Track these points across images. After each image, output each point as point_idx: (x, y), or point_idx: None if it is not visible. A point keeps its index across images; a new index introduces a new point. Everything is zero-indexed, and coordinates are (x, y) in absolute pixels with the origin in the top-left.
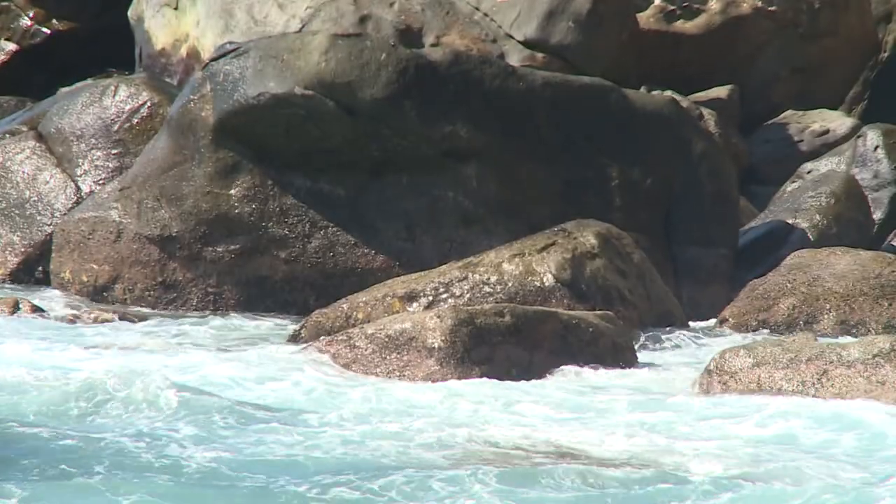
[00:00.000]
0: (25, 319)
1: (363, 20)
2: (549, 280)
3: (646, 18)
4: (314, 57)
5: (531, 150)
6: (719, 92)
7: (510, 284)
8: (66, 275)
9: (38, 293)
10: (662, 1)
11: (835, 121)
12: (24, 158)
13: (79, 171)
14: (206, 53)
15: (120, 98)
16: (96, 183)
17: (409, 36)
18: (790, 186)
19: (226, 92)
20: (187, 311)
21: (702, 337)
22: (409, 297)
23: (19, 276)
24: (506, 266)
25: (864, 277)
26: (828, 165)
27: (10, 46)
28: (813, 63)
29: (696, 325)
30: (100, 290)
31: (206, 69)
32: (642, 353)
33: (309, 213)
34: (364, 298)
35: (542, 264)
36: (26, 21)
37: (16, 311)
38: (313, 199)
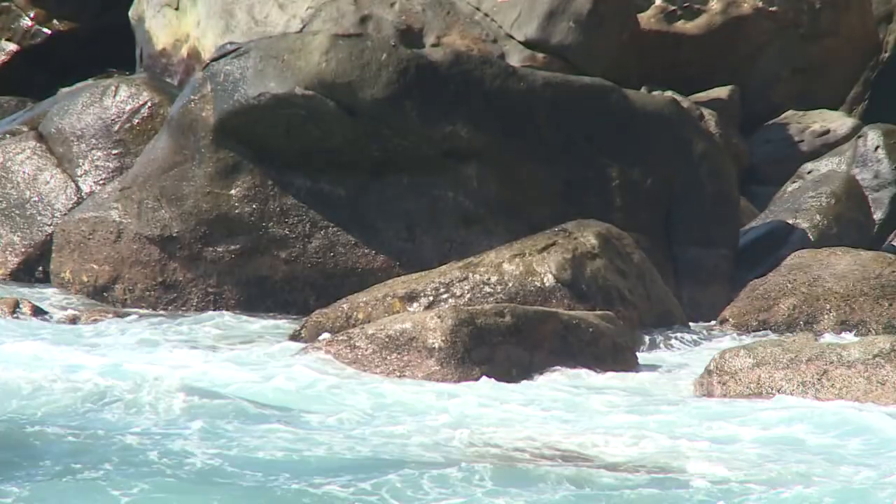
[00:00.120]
0: (25, 321)
1: (364, 20)
2: (549, 280)
3: (646, 19)
4: (315, 57)
5: (532, 151)
6: (720, 92)
7: (510, 284)
8: (67, 275)
9: (39, 293)
10: (663, 1)
11: (835, 121)
12: (24, 158)
13: (79, 172)
14: (207, 54)
15: (120, 98)
16: (97, 183)
17: (410, 36)
18: (791, 187)
19: (226, 92)
20: (187, 311)
21: (702, 337)
22: (409, 298)
23: (19, 276)
24: (506, 266)
25: (864, 278)
26: (828, 166)
27: (11, 47)
28: (814, 63)
29: (696, 325)
30: (100, 291)
31: (206, 69)
32: (642, 353)
33: (309, 213)
34: (364, 298)
35: (542, 264)
36: (27, 21)
37: (16, 311)
38: (314, 200)
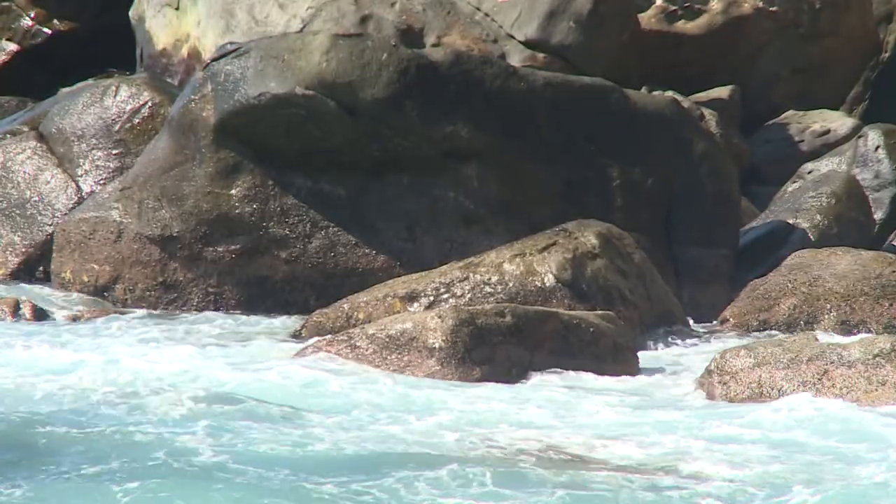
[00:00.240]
0: (26, 320)
1: (364, 20)
2: (549, 280)
3: (647, 19)
4: (315, 57)
5: (532, 151)
6: (720, 92)
7: (511, 284)
8: (67, 275)
9: (40, 293)
10: (664, 1)
11: (836, 121)
12: (25, 158)
13: (80, 171)
14: (207, 53)
15: (121, 98)
16: (97, 183)
17: (411, 36)
18: (791, 186)
19: (227, 92)
20: (188, 311)
21: (702, 337)
22: (409, 298)
23: (20, 276)
24: (507, 266)
25: (864, 277)
26: (829, 165)
27: (11, 47)
28: (814, 63)
29: (696, 325)
30: (100, 290)
31: (206, 69)
32: (643, 353)
33: (310, 213)
34: (365, 298)
35: (542, 264)
36: (27, 21)
37: (17, 311)
38: (314, 199)
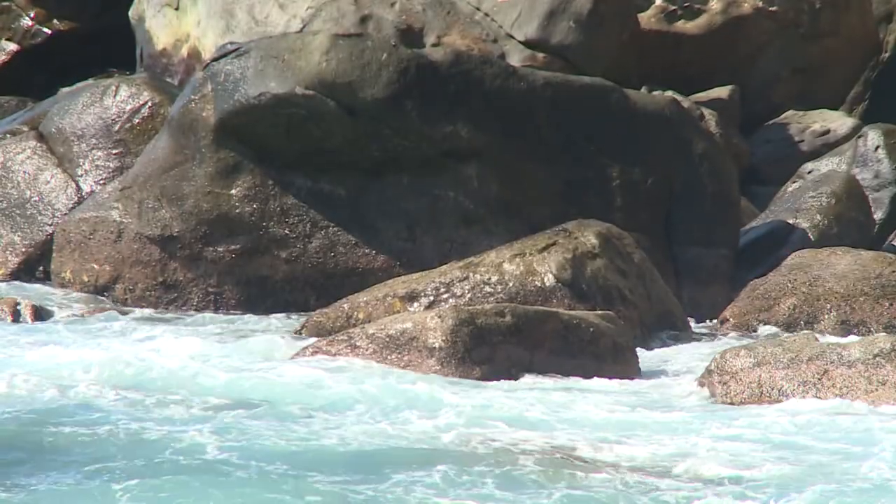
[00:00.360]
0: (26, 320)
1: (364, 20)
2: (549, 280)
3: (647, 18)
4: (315, 57)
5: (532, 151)
6: (720, 92)
7: (511, 284)
8: (67, 275)
9: (39, 293)
10: (663, 1)
11: (835, 121)
12: (25, 158)
13: (80, 171)
14: (207, 53)
15: (121, 98)
16: (97, 183)
17: (410, 36)
18: (791, 186)
19: (227, 92)
20: (188, 311)
21: (702, 337)
22: (409, 297)
23: (20, 276)
24: (506, 266)
25: (864, 277)
26: (828, 165)
27: (11, 46)
28: (814, 63)
29: (696, 325)
30: (100, 290)
31: (207, 69)
32: (642, 353)
33: (310, 212)
34: (365, 298)
35: (542, 264)
36: (27, 21)
37: (16, 311)
38: (314, 199)
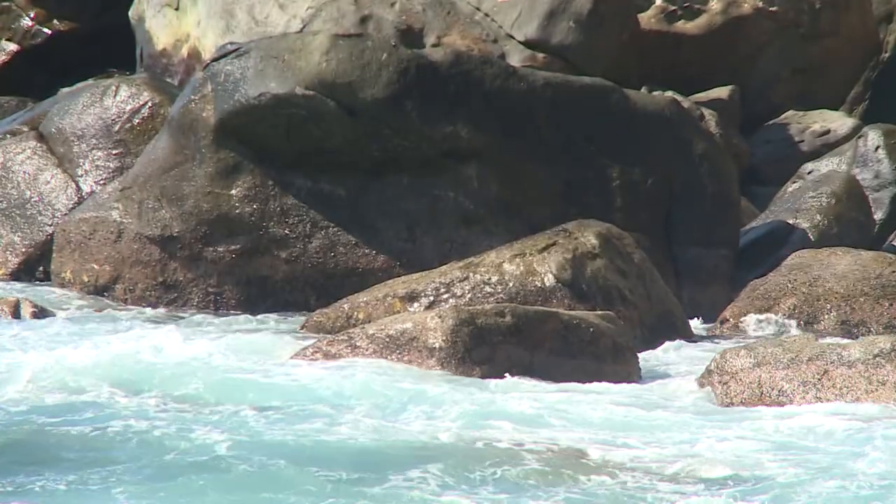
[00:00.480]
0: (26, 320)
1: (364, 20)
2: (549, 280)
3: (647, 19)
4: (315, 57)
5: (532, 151)
6: (720, 92)
7: (511, 284)
8: (67, 275)
9: (39, 293)
10: (663, 1)
11: (836, 121)
12: (25, 158)
13: (80, 172)
14: (207, 54)
15: (121, 98)
16: (97, 183)
17: (410, 36)
18: (791, 187)
19: (227, 92)
20: (188, 311)
21: (702, 337)
22: (409, 298)
23: (20, 276)
24: (507, 266)
25: (864, 278)
26: (829, 166)
27: (11, 47)
28: (814, 63)
29: (696, 325)
30: (100, 290)
31: (207, 69)
32: (642, 353)
33: (310, 213)
34: (365, 298)
35: (542, 264)
36: (27, 21)
37: (17, 311)
38: (314, 200)
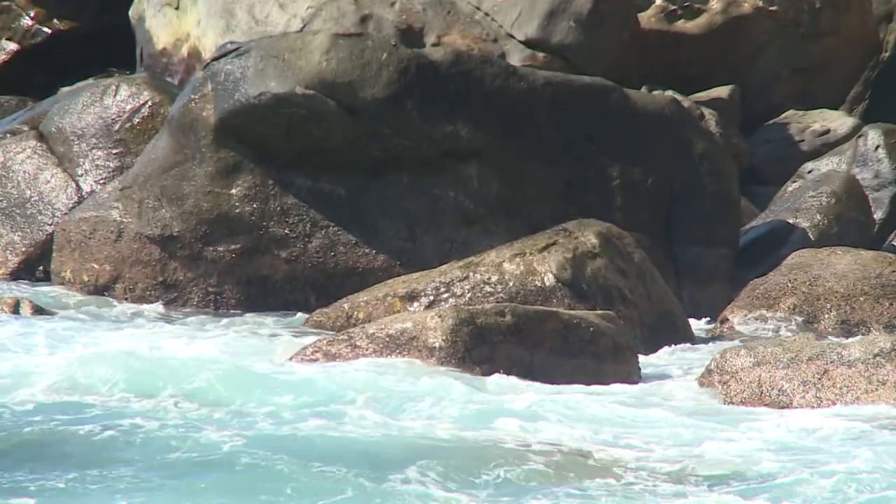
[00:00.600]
0: (27, 318)
1: (364, 20)
2: (549, 280)
3: (647, 18)
4: (315, 56)
5: (532, 150)
6: (720, 92)
7: (511, 284)
8: (67, 274)
9: (40, 292)
10: (663, 1)
11: (836, 120)
12: (25, 158)
13: (80, 171)
14: (207, 53)
15: (121, 98)
16: (97, 182)
17: (411, 36)
18: (791, 186)
19: (227, 91)
20: (188, 310)
21: (702, 336)
22: (409, 297)
23: (20, 276)
24: (507, 266)
25: (864, 277)
26: (829, 165)
27: (11, 46)
28: (814, 63)
29: (696, 324)
30: (100, 290)
31: (207, 69)
32: (642, 352)
33: (310, 212)
34: (365, 298)
35: (542, 264)
36: (27, 21)
37: (17, 310)
38: (314, 199)
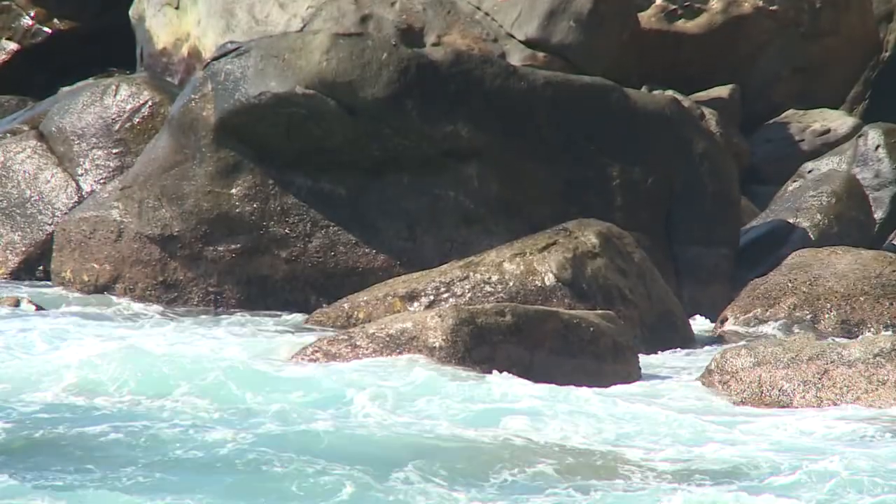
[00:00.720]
0: (27, 316)
1: (364, 20)
2: (549, 279)
3: (647, 18)
4: (315, 56)
5: (532, 150)
6: (720, 91)
7: (511, 284)
8: (67, 274)
9: (40, 292)
10: (663, 0)
11: (836, 120)
12: (25, 158)
13: (80, 171)
14: (208, 53)
15: (121, 97)
16: (97, 182)
17: (411, 35)
18: (791, 186)
19: (227, 91)
20: (188, 310)
21: (702, 336)
22: (409, 297)
23: (20, 275)
24: (507, 265)
25: (864, 277)
26: (829, 165)
27: (12, 46)
28: (814, 62)
29: (697, 324)
30: (101, 290)
31: (207, 68)
32: (643, 352)
33: (310, 212)
34: (365, 298)
35: (542, 264)
36: (27, 20)
37: (17, 310)
38: (314, 199)
